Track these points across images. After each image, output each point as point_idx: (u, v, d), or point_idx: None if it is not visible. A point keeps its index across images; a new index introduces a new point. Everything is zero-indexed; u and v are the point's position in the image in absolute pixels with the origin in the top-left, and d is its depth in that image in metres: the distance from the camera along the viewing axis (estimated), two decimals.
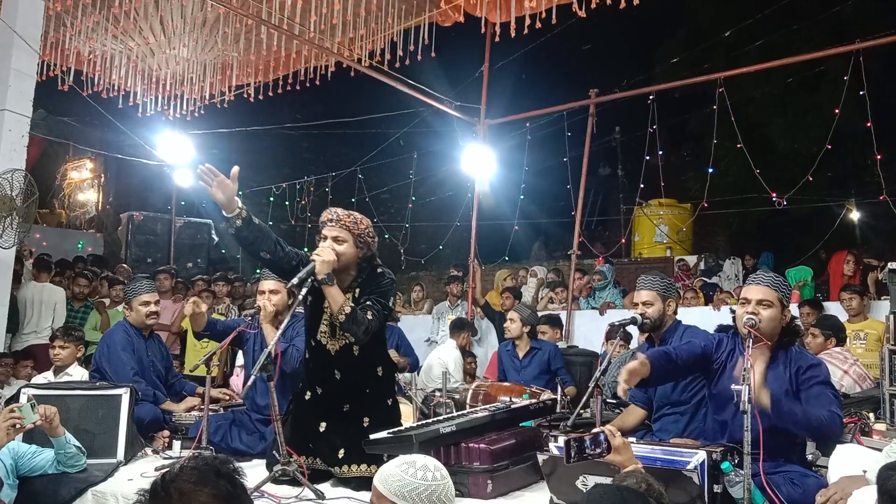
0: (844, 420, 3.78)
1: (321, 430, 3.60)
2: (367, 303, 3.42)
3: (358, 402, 3.60)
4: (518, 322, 5.93)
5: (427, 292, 10.32)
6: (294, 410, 3.76)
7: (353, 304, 3.37)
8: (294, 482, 3.41)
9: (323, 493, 3.32)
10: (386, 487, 2.15)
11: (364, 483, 3.34)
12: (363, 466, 3.45)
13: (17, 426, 3.35)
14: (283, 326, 3.54)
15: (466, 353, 7.25)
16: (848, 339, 6.34)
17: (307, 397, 3.70)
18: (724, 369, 3.37)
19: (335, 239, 3.44)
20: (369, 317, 3.36)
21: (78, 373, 4.91)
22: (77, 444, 3.63)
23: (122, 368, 4.59)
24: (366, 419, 3.57)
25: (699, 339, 3.56)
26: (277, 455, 3.46)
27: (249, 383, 3.48)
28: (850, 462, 2.96)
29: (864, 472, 2.86)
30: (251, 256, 3.62)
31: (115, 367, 4.60)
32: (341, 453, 3.53)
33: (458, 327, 7.26)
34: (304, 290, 3.32)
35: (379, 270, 3.58)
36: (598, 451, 2.75)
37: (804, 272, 8.33)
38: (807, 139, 12.10)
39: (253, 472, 3.33)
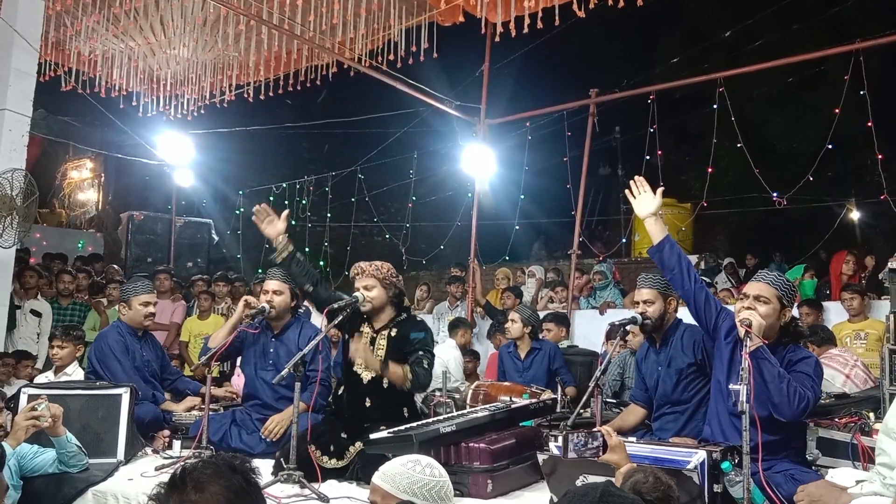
0: (844, 420, 3.79)
1: (343, 436, 3.80)
2: (420, 353, 3.89)
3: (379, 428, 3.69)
4: (519, 322, 5.93)
5: (430, 292, 10.31)
6: (321, 425, 4.02)
7: (412, 370, 3.80)
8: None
9: (327, 496, 3.33)
10: (394, 485, 2.17)
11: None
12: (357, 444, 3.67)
13: (35, 425, 3.42)
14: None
15: (466, 351, 7.27)
16: (849, 339, 6.37)
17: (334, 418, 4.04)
18: (727, 362, 3.37)
19: (365, 287, 3.93)
20: (425, 366, 3.86)
21: (78, 373, 4.92)
22: (77, 443, 3.64)
23: (117, 371, 4.60)
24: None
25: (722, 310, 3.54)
26: (284, 462, 3.56)
27: (278, 378, 3.70)
28: (846, 483, 2.94)
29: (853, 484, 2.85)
30: (297, 289, 4.29)
31: (111, 370, 4.61)
32: (351, 450, 3.71)
33: (458, 325, 7.32)
34: (340, 316, 3.80)
35: (418, 319, 4.16)
36: (596, 444, 2.77)
37: (795, 271, 8.35)
38: (806, 139, 12.10)
39: None
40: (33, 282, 7.45)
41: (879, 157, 7.56)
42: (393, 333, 3.95)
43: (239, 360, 4.94)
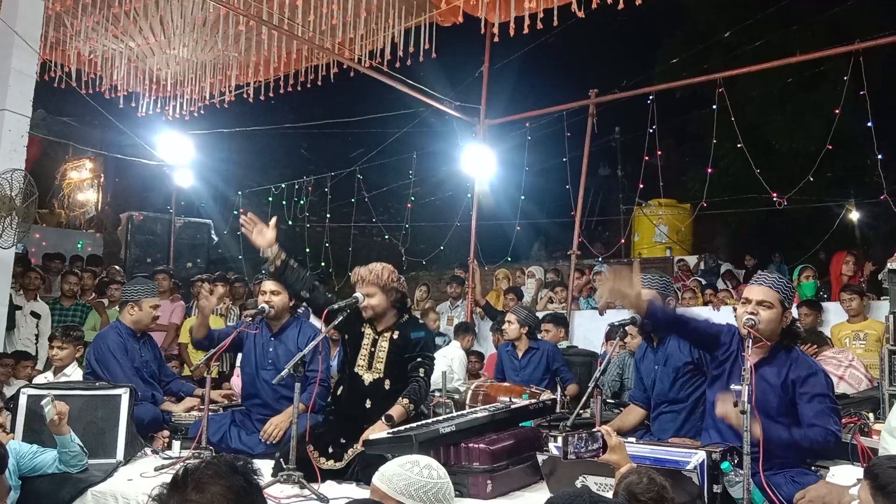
0: (844, 420, 3.79)
1: (342, 441, 3.78)
2: (418, 360, 3.90)
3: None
4: (516, 323, 5.92)
5: (430, 293, 10.31)
6: (320, 426, 3.98)
7: (410, 399, 3.74)
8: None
9: (326, 497, 3.32)
10: (391, 487, 2.16)
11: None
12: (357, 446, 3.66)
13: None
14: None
15: (471, 353, 7.30)
16: (848, 340, 6.36)
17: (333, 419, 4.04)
18: (726, 373, 3.36)
19: (367, 295, 3.90)
20: (422, 374, 3.87)
21: (77, 373, 4.92)
22: (80, 443, 3.64)
23: (116, 372, 4.61)
24: None
25: (720, 325, 3.53)
26: (284, 463, 3.55)
27: (278, 379, 3.67)
28: (848, 482, 2.94)
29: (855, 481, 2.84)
30: (293, 296, 4.19)
31: (110, 371, 4.61)
32: (350, 451, 3.70)
33: (464, 330, 7.39)
34: (339, 318, 3.79)
35: (421, 322, 4.13)
36: (596, 447, 2.76)
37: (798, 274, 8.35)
38: (806, 139, 12.11)
39: None
40: (38, 283, 7.46)
41: (879, 157, 7.56)
42: (395, 336, 3.94)
43: (239, 358, 4.95)
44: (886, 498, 2.07)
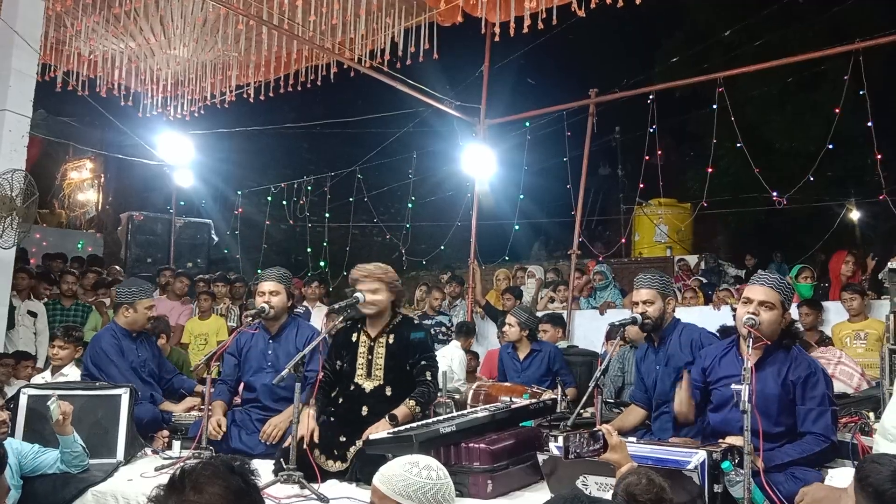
0: (845, 420, 3.80)
1: (342, 439, 3.75)
2: (423, 362, 3.87)
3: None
4: (516, 326, 5.89)
5: (429, 293, 10.30)
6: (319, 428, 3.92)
7: (417, 402, 3.73)
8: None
9: (326, 497, 3.32)
10: (390, 487, 2.15)
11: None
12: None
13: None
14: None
15: (467, 351, 7.30)
16: (849, 339, 6.37)
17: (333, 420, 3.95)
18: (713, 370, 3.42)
19: (371, 291, 3.85)
20: (429, 377, 3.85)
21: (74, 373, 4.92)
22: (82, 443, 3.65)
23: (113, 373, 4.61)
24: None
25: (693, 373, 3.59)
26: (284, 462, 3.53)
27: (277, 379, 3.66)
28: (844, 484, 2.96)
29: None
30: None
31: (107, 373, 4.61)
32: (351, 450, 3.68)
33: (466, 332, 7.37)
34: (340, 317, 3.87)
35: (416, 322, 4.10)
36: (596, 447, 2.76)
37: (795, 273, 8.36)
38: (806, 139, 12.12)
39: None
40: (25, 283, 7.45)
41: (879, 157, 7.57)
42: (391, 340, 3.90)
43: None
44: (863, 491, 2.09)
